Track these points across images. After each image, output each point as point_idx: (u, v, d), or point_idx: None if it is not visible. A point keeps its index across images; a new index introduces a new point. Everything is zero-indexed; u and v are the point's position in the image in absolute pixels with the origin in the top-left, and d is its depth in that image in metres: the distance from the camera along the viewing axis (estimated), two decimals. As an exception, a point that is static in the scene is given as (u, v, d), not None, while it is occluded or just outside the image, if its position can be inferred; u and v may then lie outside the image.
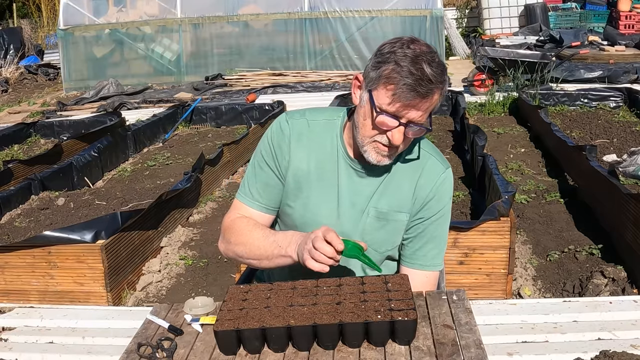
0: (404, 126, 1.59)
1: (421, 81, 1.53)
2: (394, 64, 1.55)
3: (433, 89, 1.56)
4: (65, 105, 9.46)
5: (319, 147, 1.76)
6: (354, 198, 1.75)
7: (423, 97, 1.55)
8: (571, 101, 7.44)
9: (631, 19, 12.36)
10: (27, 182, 5.33)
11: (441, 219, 1.79)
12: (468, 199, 4.71)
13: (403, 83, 1.54)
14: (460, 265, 3.27)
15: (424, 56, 1.55)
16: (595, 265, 3.48)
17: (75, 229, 3.45)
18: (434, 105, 1.60)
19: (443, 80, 1.58)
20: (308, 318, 1.42)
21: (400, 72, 1.54)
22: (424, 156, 1.77)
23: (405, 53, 1.55)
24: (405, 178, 1.75)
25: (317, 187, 1.75)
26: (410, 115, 1.58)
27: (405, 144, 1.66)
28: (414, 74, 1.53)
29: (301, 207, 1.77)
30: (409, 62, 1.54)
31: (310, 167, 1.75)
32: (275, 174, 1.78)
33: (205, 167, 5.24)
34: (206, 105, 8.23)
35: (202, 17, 11.01)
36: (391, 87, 1.55)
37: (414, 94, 1.54)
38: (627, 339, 2.51)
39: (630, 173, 4.74)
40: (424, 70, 1.53)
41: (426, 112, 1.59)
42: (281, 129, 1.77)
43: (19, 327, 2.97)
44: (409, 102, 1.55)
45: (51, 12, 18.12)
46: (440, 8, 10.43)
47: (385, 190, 1.75)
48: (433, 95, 1.57)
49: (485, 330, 2.55)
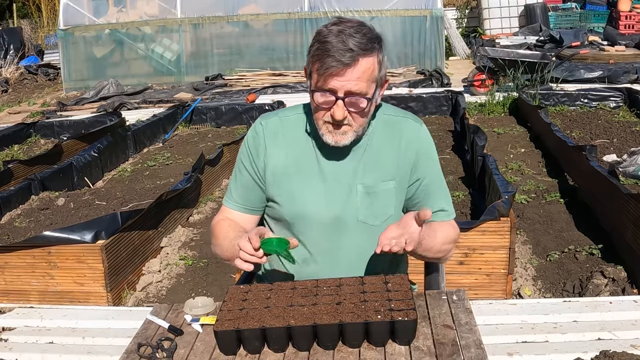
0: (342, 100, 1.63)
1: (342, 51, 1.58)
2: (318, 43, 1.63)
3: (356, 57, 1.59)
4: (65, 105, 9.46)
5: (294, 141, 1.81)
6: (339, 176, 1.78)
7: (347, 66, 1.59)
8: (571, 101, 7.44)
9: (631, 19, 12.37)
10: (27, 182, 5.33)
11: (436, 172, 1.87)
12: (468, 199, 4.70)
13: (325, 56, 1.60)
14: (460, 265, 3.27)
15: (345, 29, 1.62)
16: (595, 265, 3.48)
17: (75, 229, 3.45)
18: (367, 74, 1.63)
19: (369, 48, 1.62)
20: (308, 318, 1.42)
21: (322, 48, 1.61)
22: (395, 121, 1.82)
23: (330, 30, 1.62)
24: (385, 147, 1.79)
25: (298, 179, 1.79)
26: (343, 86, 1.61)
27: (358, 119, 1.69)
28: (335, 46, 1.59)
29: (287, 202, 1.80)
30: (331, 37, 1.61)
31: (289, 162, 1.80)
32: (252, 177, 1.84)
33: (205, 167, 5.24)
34: (206, 106, 8.23)
35: (202, 17, 11.01)
36: (317, 64, 1.62)
37: (336, 63, 1.59)
38: (627, 339, 2.51)
39: (630, 173, 4.74)
40: (344, 41, 1.59)
41: (359, 80, 1.62)
42: (256, 132, 1.84)
43: (19, 327, 2.97)
44: (334, 72, 1.60)
45: (51, 12, 18.13)
46: (440, 8, 10.44)
47: (367, 164, 1.78)
48: (357, 62, 1.60)
49: (485, 330, 2.55)
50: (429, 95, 8.00)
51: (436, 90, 8.31)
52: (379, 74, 1.67)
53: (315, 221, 1.78)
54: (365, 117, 1.70)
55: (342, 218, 1.77)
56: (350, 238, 1.79)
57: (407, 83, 9.29)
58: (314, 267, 1.80)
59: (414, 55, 10.61)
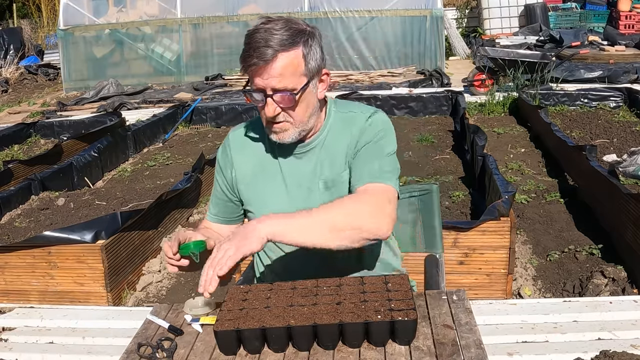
0: (270, 97, 1.65)
1: (261, 48, 1.60)
2: (244, 44, 1.65)
3: (275, 53, 1.61)
4: (65, 105, 9.46)
5: (259, 147, 1.85)
6: (299, 179, 1.80)
7: (266, 62, 1.61)
8: (571, 101, 7.44)
9: (631, 19, 12.36)
10: (27, 182, 5.33)
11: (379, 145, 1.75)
12: (468, 199, 4.70)
13: (247, 55, 1.63)
14: (460, 265, 3.27)
15: (270, 28, 1.64)
16: (595, 265, 3.48)
17: (75, 229, 3.45)
18: (290, 69, 1.64)
19: (290, 42, 1.63)
20: (308, 318, 1.42)
21: (245, 48, 1.64)
22: (350, 116, 1.81)
23: (255, 29, 1.65)
24: (339, 141, 1.79)
25: (263, 183, 1.83)
26: (267, 83, 1.63)
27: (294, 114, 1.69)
28: (252, 45, 1.62)
29: (257, 207, 1.85)
30: (253, 37, 1.63)
31: (255, 168, 1.84)
32: (223, 189, 1.91)
33: (205, 167, 5.24)
34: (206, 105, 8.22)
35: (202, 17, 11.01)
36: (243, 63, 1.65)
37: (256, 60, 1.61)
38: (627, 339, 2.51)
39: (630, 173, 4.74)
40: (265, 38, 1.61)
41: (281, 77, 1.63)
42: (224, 146, 1.91)
43: (19, 327, 2.97)
44: (256, 69, 1.63)
45: (51, 12, 18.13)
46: (440, 8, 10.43)
47: (324, 159, 1.79)
48: (276, 58, 1.61)
49: (486, 330, 2.55)
50: (429, 95, 7.99)
51: (436, 90, 8.31)
52: (307, 67, 1.67)
53: None
54: (301, 110, 1.70)
55: None
56: None
57: (407, 83, 9.29)
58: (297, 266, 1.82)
59: (414, 55, 10.61)
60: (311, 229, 1.56)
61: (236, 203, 1.91)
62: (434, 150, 6.18)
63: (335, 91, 8.92)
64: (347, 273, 1.80)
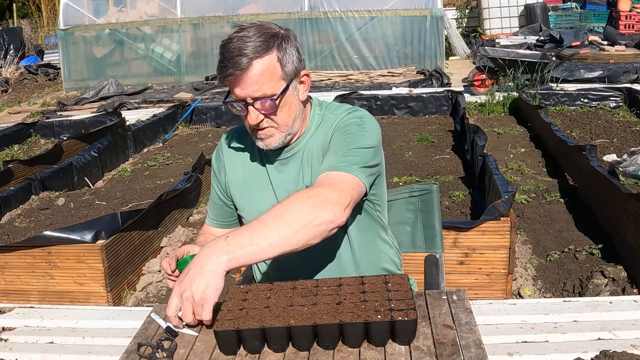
0: (251, 105, 1.65)
1: (235, 58, 1.60)
2: (219, 56, 1.65)
3: (250, 61, 1.60)
4: (65, 105, 9.46)
5: (250, 153, 1.86)
6: (287, 185, 1.80)
7: (242, 71, 1.60)
8: (571, 101, 7.44)
9: (631, 19, 12.36)
10: (27, 182, 5.33)
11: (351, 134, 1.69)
12: (468, 199, 4.70)
13: (222, 66, 1.62)
14: (460, 265, 3.27)
15: (243, 36, 1.62)
16: (595, 265, 3.48)
17: (75, 229, 3.45)
18: (267, 75, 1.63)
19: (263, 48, 1.61)
20: (308, 318, 1.42)
21: (220, 59, 1.63)
22: (329, 117, 1.80)
23: (229, 39, 1.64)
24: (318, 142, 1.79)
25: (255, 189, 1.84)
26: (246, 92, 1.63)
27: (277, 119, 1.68)
28: (226, 55, 1.62)
29: (249, 212, 1.85)
30: (227, 47, 1.63)
31: (245, 174, 1.85)
32: (218, 194, 1.92)
33: (205, 167, 5.24)
34: (206, 105, 8.23)
35: (202, 17, 11.01)
36: (220, 75, 1.65)
37: (232, 70, 1.60)
38: (627, 339, 2.51)
39: (630, 173, 4.74)
40: (238, 47, 1.60)
41: (259, 83, 1.62)
42: (217, 150, 1.92)
43: (19, 327, 2.97)
44: (233, 79, 1.62)
45: (51, 12, 18.13)
46: (440, 8, 10.44)
47: (307, 164, 1.79)
48: (251, 66, 1.60)
49: (486, 330, 2.55)
50: (429, 95, 8.00)
51: (436, 90, 8.31)
52: (284, 70, 1.65)
53: None
54: (284, 115, 1.69)
55: None
56: None
57: (407, 83, 9.30)
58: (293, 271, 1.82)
59: (414, 55, 10.61)
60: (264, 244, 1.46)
61: (232, 207, 1.92)
62: (434, 150, 6.18)
63: (335, 91, 8.92)
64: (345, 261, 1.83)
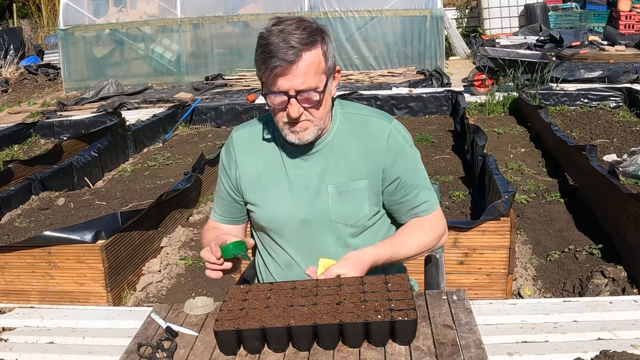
0: (294, 97, 1.63)
1: (283, 49, 1.59)
2: (259, 47, 1.64)
3: (299, 52, 1.59)
4: (65, 105, 9.46)
5: (263, 148, 1.84)
6: (306, 182, 1.79)
7: (291, 63, 1.59)
8: (571, 101, 7.44)
9: (631, 19, 12.36)
10: (27, 182, 5.33)
11: (414, 166, 1.83)
12: (468, 199, 4.70)
13: (269, 57, 1.61)
14: (460, 265, 3.27)
15: (285, 27, 1.61)
16: (595, 265, 3.48)
17: (76, 229, 3.45)
18: (313, 68, 1.63)
19: (311, 42, 1.62)
20: (308, 318, 1.42)
21: (265, 50, 1.62)
22: (363, 120, 1.81)
23: (270, 31, 1.62)
24: (351, 146, 1.78)
25: (269, 184, 1.82)
26: (291, 84, 1.62)
27: (315, 112, 1.69)
28: (277, 45, 1.59)
29: (261, 208, 1.84)
30: (272, 38, 1.61)
31: (259, 169, 1.83)
32: (227, 190, 1.90)
33: (205, 167, 5.24)
34: (206, 105, 8.23)
35: (202, 17, 11.01)
36: (263, 67, 1.63)
37: (280, 62, 1.59)
38: (627, 339, 2.51)
39: (630, 173, 4.74)
40: (286, 39, 1.59)
41: (306, 76, 1.62)
42: (227, 146, 1.90)
43: (19, 327, 2.97)
44: (279, 71, 1.60)
45: (51, 12, 18.13)
46: (440, 8, 10.44)
47: (336, 164, 1.78)
48: (301, 58, 1.60)
49: (486, 330, 2.55)
50: (429, 95, 8.00)
51: (436, 90, 8.31)
52: (327, 65, 1.67)
53: (288, 225, 1.81)
54: (321, 109, 1.70)
55: (312, 220, 1.78)
56: (326, 239, 1.80)
57: (407, 83, 9.29)
58: (298, 270, 1.82)
59: (414, 55, 10.61)
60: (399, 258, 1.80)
61: (241, 203, 1.90)
62: (434, 150, 6.18)
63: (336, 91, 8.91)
64: None
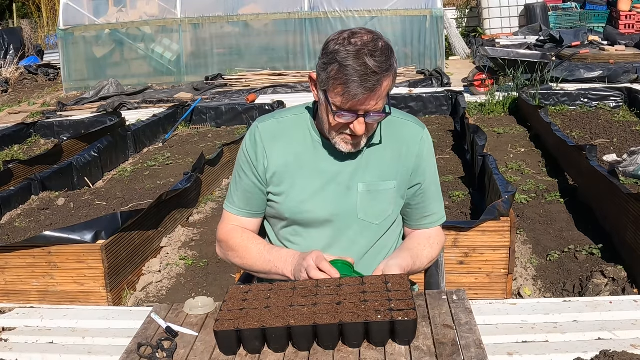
0: (362, 117, 1.65)
1: (366, 76, 1.57)
2: (338, 65, 1.60)
3: (380, 79, 1.60)
4: (65, 105, 9.46)
5: (293, 140, 1.82)
6: (338, 178, 1.80)
7: (372, 91, 1.60)
8: (571, 101, 7.44)
9: (631, 19, 12.36)
10: (27, 182, 5.32)
11: (434, 176, 1.92)
12: (468, 199, 4.70)
13: (350, 82, 1.58)
14: (460, 265, 3.27)
15: (365, 48, 1.59)
16: (596, 265, 3.48)
17: (76, 229, 3.45)
18: (386, 90, 1.65)
19: (389, 66, 1.62)
20: (308, 318, 1.42)
21: (345, 72, 1.58)
22: (398, 123, 1.84)
23: (348, 50, 1.59)
24: (386, 148, 1.81)
25: (299, 176, 1.81)
26: (365, 107, 1.63)
27: (370, 129, 1.71)
28: (358, 71, 1.57)
29: (287, 200, 1.82)
30: (352, 60, 1.58)
31: (289, 160, 1.81)
32: (253, 181, 1.85)
33: (205, 167, 5.24)
34: (206, 105, 8.23)
35: (202, 17, 11.01)
36: (340, 88, 1.60)
37: (362, 89, 1.58)
38: (627, 339, 2.51)
39: (630, 173, 4.74)
40: (367, 64, 1.57)
41: (379, 99, 1.63)
42: (254, 136, 1.84)
43: (19, 328, 2.97)
44: (360, 98, 1.60)
45: (51, 12, 18.13)
46: (440, 8, 10.43)
47: (368, 163, 1.80)
48: (382, 84, 1.61)
49: (486, 330, 2.55)
50: (429, 95, 8.00)
51: (436, 90, 8.31)
52: (393, 85, 1.68)
53: (314, 219, 1.80)
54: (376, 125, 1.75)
55: (340, 216, 1.79)
56: (350, 236, 1.82)
57: (407, 83, 9.29)
58: None
59: (414, 55, 10.61)
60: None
61: (265, 194, 1.87)
62: (434, 150, 6.17)
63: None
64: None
